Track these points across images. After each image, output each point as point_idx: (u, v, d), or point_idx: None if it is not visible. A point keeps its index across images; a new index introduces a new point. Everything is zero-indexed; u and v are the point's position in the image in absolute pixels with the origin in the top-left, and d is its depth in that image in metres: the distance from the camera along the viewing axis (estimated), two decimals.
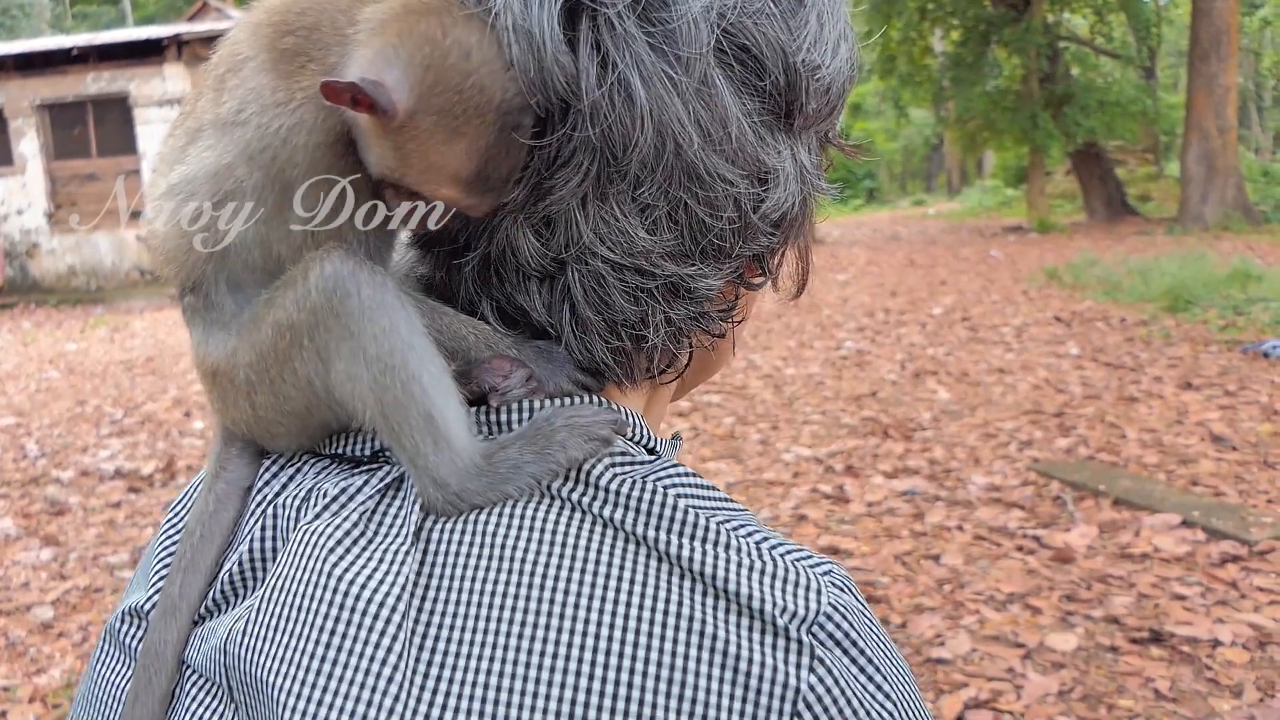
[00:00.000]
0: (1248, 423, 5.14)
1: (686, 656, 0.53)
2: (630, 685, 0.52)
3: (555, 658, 0.53)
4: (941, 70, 20.63)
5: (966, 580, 3.51)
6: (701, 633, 0.53)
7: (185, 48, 16.37)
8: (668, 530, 0.56)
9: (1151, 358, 6.81)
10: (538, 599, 0.54)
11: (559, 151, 0.58)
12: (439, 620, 0.55)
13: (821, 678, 0.54)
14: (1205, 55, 16.29)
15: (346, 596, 0.55)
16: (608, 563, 0.55)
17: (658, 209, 0.58)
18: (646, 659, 0.53)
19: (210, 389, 0.67)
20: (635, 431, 0.64)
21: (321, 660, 0.55)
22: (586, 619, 0.54)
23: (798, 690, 0.53)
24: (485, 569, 0.55)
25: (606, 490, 0.58)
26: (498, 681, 0.52)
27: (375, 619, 0.55)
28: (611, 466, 0.59)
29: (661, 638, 0.53)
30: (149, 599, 0.66)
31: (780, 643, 0.54)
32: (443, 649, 0.54)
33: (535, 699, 0.52)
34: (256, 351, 0.62)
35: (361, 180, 0.61)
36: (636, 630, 0.53)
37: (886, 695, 0.56)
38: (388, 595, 0.55)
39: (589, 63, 0.56)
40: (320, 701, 0.54)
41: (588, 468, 0.58)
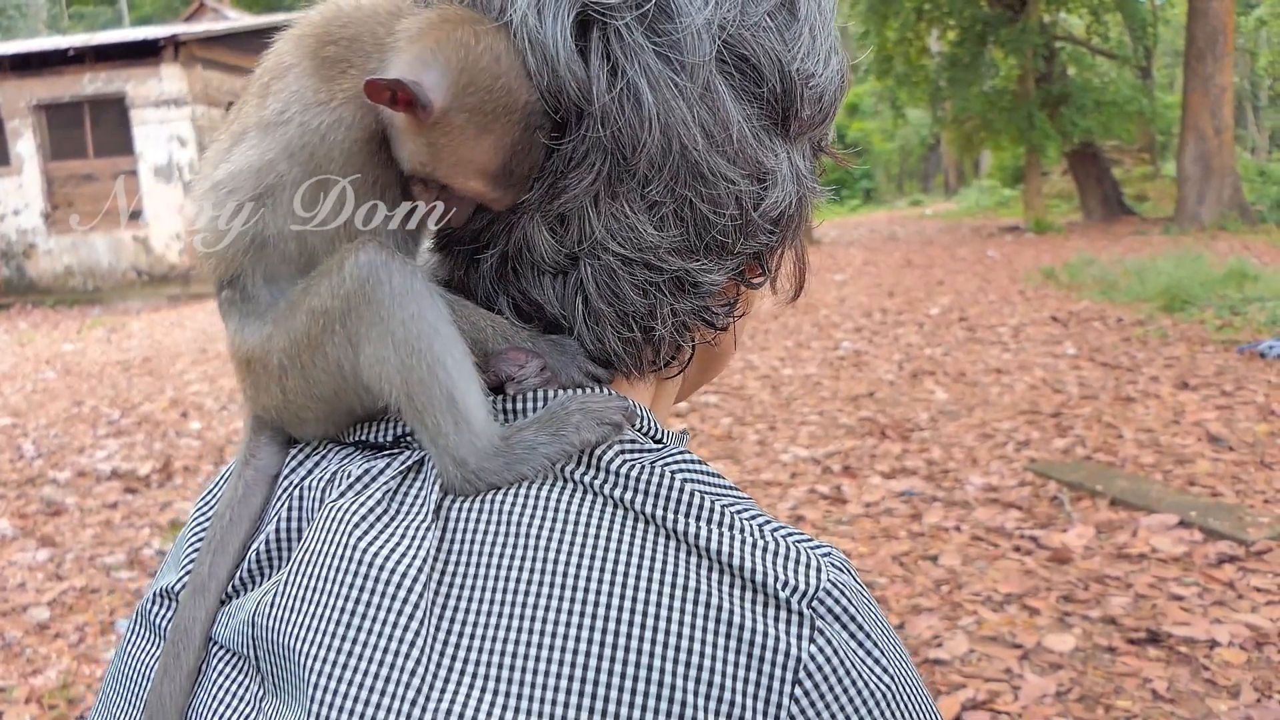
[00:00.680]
0: (1244, 423, 5.15)
1: (694, 627, 0.56)
2: (641, 653, 0.55)
3: (570, 627, 0.56)
4: (938, 70, 20.65)
5: (964, 581, 3.51)
6: (708, 604, 0.56)
7: (182, 48, 16.34)
8: (675, 511, 0.59)
9: (1148, 358, 6.82)
10: (552, 573, 0.57)
11: (573, 152, 0.62)
12: (458, 592, 0.57)
13: (821, 648, 0.57)
14: (1201, 55, 16.32)
15: (370, 568, 0.58)
16: (618, 539, 0.58)
17: (665, 206, 0.63)
18: (656, 628, 0.55)
19: (244, 377, 0.70)
20: (643, 423, 0.67)
21: (347, 628, 0.57)
22: (599, 591, 0.56)
23: (799, 659, 0.56)
24: (502, 545, 0.58)
25: (617, 474, 0.61)
26: (514, 649, 0.55)
27: (399, 589, 0.57)
28: (622, 453, 0.63)
29: (670, 608, 0.56)
30: (179, 580, 0.69)
31: (782, 615, 0.57)
32: (462, 619, 0.57)
33: (550, 664, 0.55)
34: (290, 337, 0.66)
35: (393, 176, 0.66)
36: (647, 601, 0.56)
37: (884, 669, 0.59)
38: (409, 567, 0.58)
39: (599, 70, 0.61)
40: (346, 666, 0.56)
41: (599, 453, 0.62)
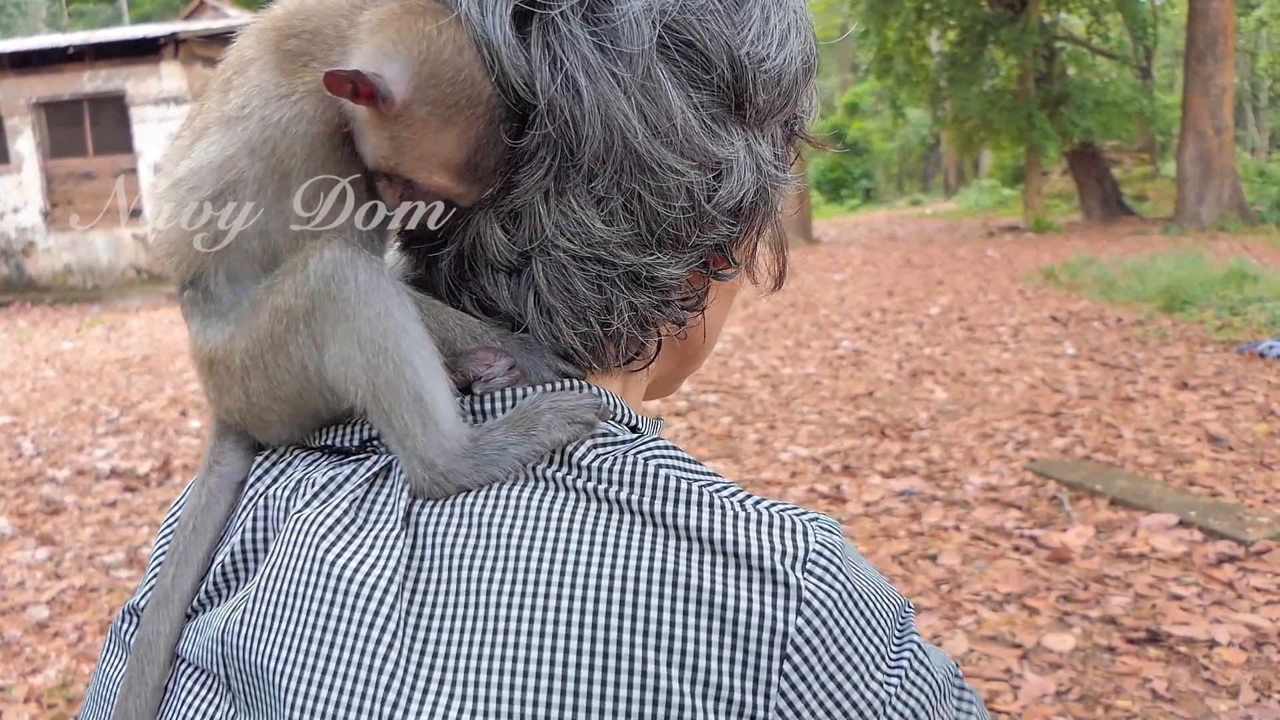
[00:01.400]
0: (1244, 423, 5.15)
1: (674, 610, 0.54)
2: (620, 643, 0.54)
3: (544, 623, 0.54)
4: (938, 70, 20.63)
5: (963, 580, 3.51)
6: (687, 585, 0.55)
7: (182, 46, 16.32)
8: (649, 495, 0.58)
9: (1148, 358, 6.82)
10: (524, 570, 0.56)
11: (524, 148, 0.61)
12: (431, 599, 0.56)
13: (809, 619, 0.56)
14: (1201, 55, 16.32)
15: (340, 581, 0.57)
16: (590, 530, 0.57)
17: (612, 200, 0.61)
18: (634, 616, 0.54)
19: (206, 378, 0.69)
20: (618, 412, 0.67)
21: (320, 644, 0.56)
22: (573, 584, 0.55)
23: (786, 634, 0.55)
24: (473, 547, 0.57)
25: (589, 468, 0.60)
26: (490, 652, 0.54)
27: (369, 601, 0.56)
28: (594, 447, 0.62)
29: (648, 594, 0.55)
30: (143, 595, 0.67)
31: (768, 587, 0.56)
32: (437, 626, 0.55)
33: (528, 664, 0.54)
34: (253, 337, 0.64)
35: (357, 171, 0.64)
36: (622, 590, 0.55)
37: (875, 630, 0.58)
38: (380, 578, 0.57)
39: (541, 62, 0.59)
40: (321, 684, 0.55)
41: (571, 449, 0.61)
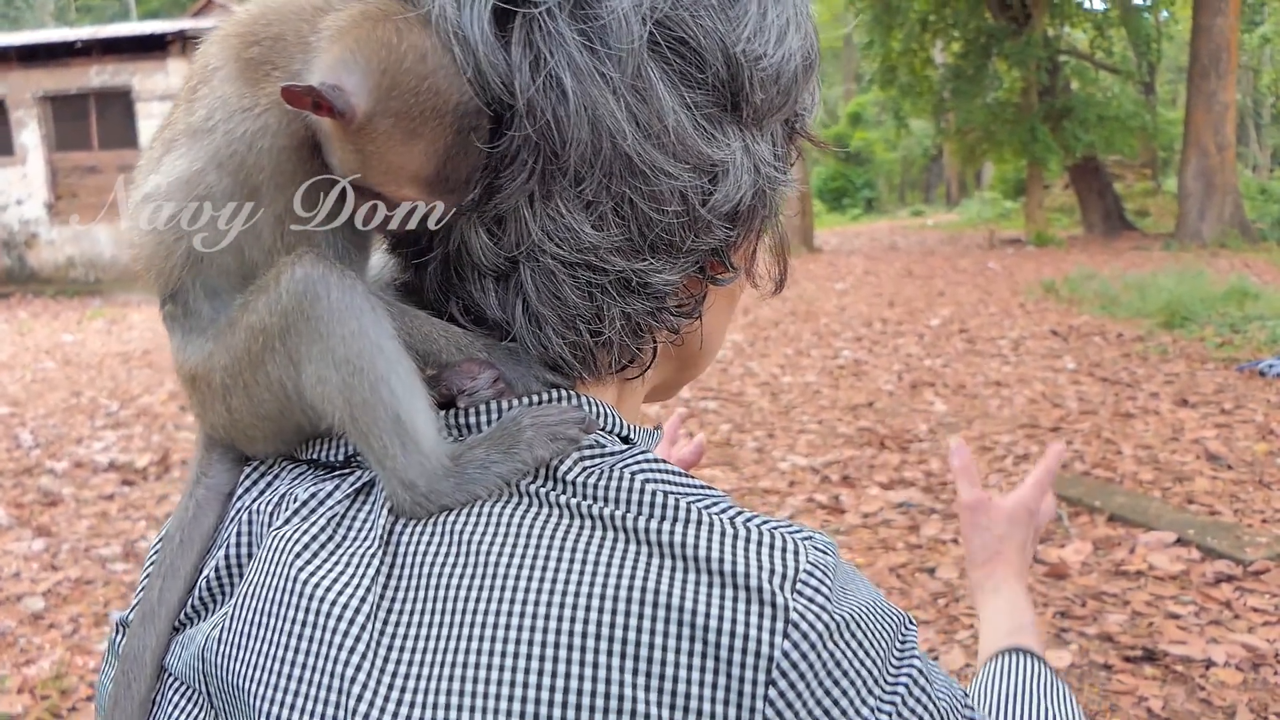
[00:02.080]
0: (1243, 441, 5.15)
1: (653, 631, 0.52)
2: (595, 665, 0.52)
3: (518, 643, 0.53)
4: (942, 81, 20.68)
5: (961, 594, 3.51)
6: (668, 604, 0.53)
7: (189, 43, 16.32)
8: (634, 511, 0.56)
9: (1148, 374, 6.82)
10: (499, 588, 0.54)
11: (505, 150, 0.59)
12: (405, 618, 0.55)
13: (797, 642, 0.53)
14: (1205, 72, 16.36)
15: (312, 600, 0.56)
16: (571, 547, 0.55)
17: (602, 204, 0.59)
18: (610, 636, 0.52)
19: (190, 394, 0.68)
20: (608, 421, 0.64)
21: (291, 665, 0.56)
22: (549, 602, 0.53)
23: (771, 658, 0.52)
24: (450, 565, 0.56)
25: (573, 483, 0.58)
26: (462, 673, 0.53)
27: (339, 620, 0.55)
28: (580, 460, 0.60)
29: (626, 614, 0.53)
30: (134, 608, 0.66)
31: (754, 607, 0.53)
32: (410, 646, 0.54)
33: (500, 686, 0.52)
34: (231, 355, 0.63)
35: (326, 184, 0.62)
36: (599, 609, 0.53)
37: (867, 653, 0.55)
38: (351, 598, 0.56)
39: (521, 61, 0.57)
40: (292, 705, 0.55)
41: (555, 464, 0.59)
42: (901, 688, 0.56)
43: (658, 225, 0.60)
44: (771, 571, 0.54)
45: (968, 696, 0.62)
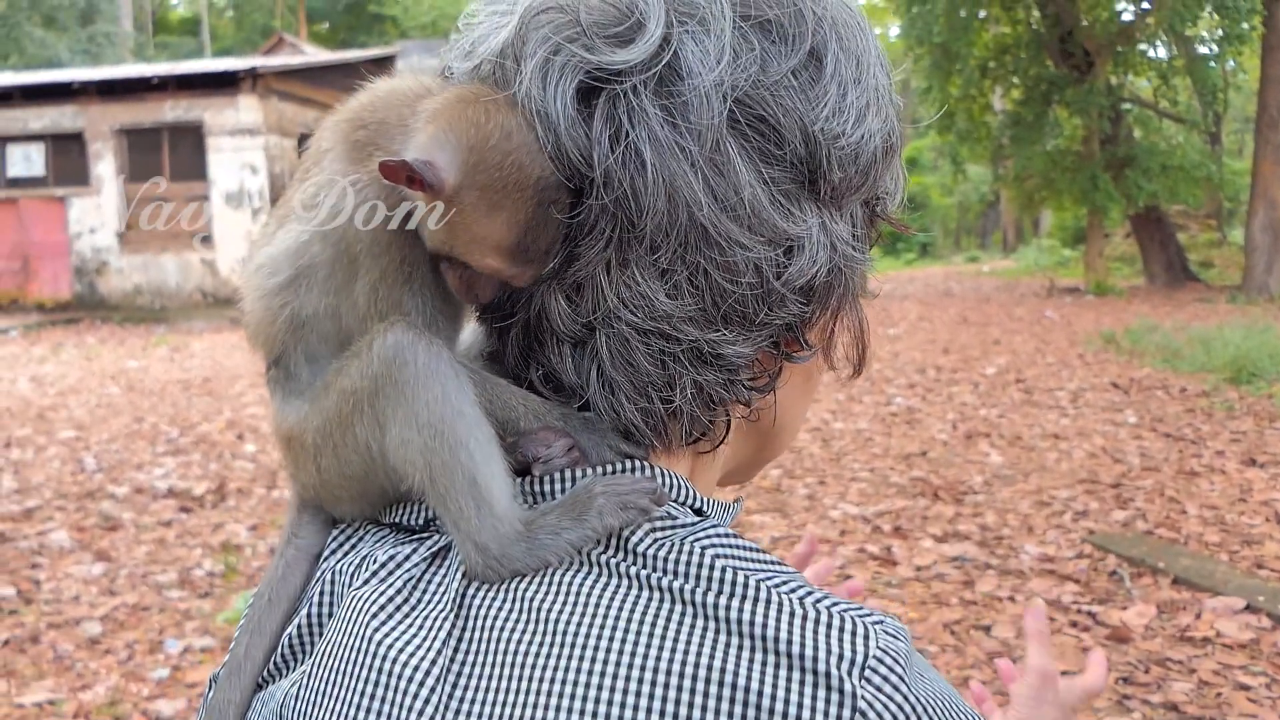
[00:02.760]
0: None
1: (718, 711, 0.52)
2: None
3: (583, 714, 0.53)
4: (1000, 128, 20.53)
5: (1018, 655, 3.41)
6: (734, 684, 0.52)
7: (260, 80, 16.90)
8: (705, 589, 0.56)
9: (1213, 430, 6.63)
10: (568, 657, 0.55)
11: (584, 220, 0.61)
12: (475, 682, 0.56)
13: None
14: (1274, 122, 16.04)
15: (385, 661, 0.57)
16: (640, 620, 0.56)
17: (677, 274, 0.60)
18: (676, 714, 0.52)
19: (285, 454, 0.71)
20: (680, 493, 0.64)
21: None
22: (615, 674, 0.54)
23: None
24: (520, 633, 0.57)
25: (644, 555, 0.59)
26: None
27: (411, 682, 0.56)
28: (651, 532, 0.60)
29: (692, 691, 0.52)
30: (223, 664, 0.69)
31: (821, 692, 0.53)
32: (478, 710, 0.55)
33: None
34: (323, 416, 0.66)
35: (420, 255, 0.65)
36: (665, 684, 0.53)
37: None
38: (424, 659, 0.57)
39: (601, 134, 0.59)
40: None
41: (627, 534, 0.60)
42: None
43: (731, 296, 0.61)
44: (840, 656, 0.54)
45: None
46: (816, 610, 0.56)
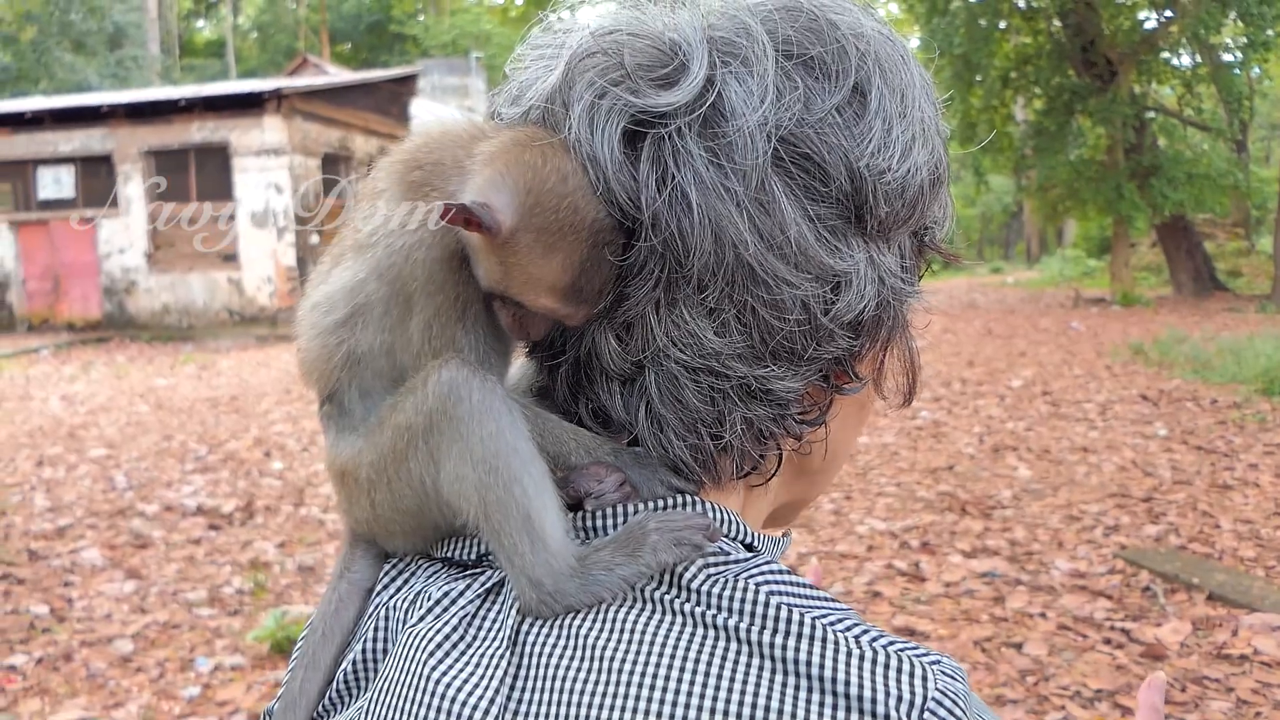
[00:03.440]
0: None
1: None
2: None
3: None
4: (1023, 138, 20.44)
5: (1051, 673, 3.37)
6: None
7: (284, 101, 17.11)
8: (760, 627, 0.56)
9: (1246, 443, 6.54)
10: (623, 696, 0.55)
11: (633, 261, 0.62)
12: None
13: None
14: None
15: (443, 700, 0.57)
16: (695, 659, 0.55)
17: (724, 312, 0.61)
18: None
19: (338, 489, 0.72)
20: (733, 529, 0.65)
21: None
22: (671, 715, 0.54)
23: None
24: (576, 670, 0.57)
25: (698, 592, 0.59)
26: None
27: None
28: (705, 568, 0.60)
29: None
30: (278, 697, 0.69)
31: None
32: None
33: None
34: (378, 451, 0.67)
35: (474, 293, 0.66)
36: None
37: None
38: (481, 699, 0.57)
39: (648, 177, 0.60)
40: None
41: (680, 570, 0.60)
42: None
43: (779, 333, 0.61)
44: (900, 698, 0.54)
45: None
46: (874, 650, 0.55)
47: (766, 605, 0.57)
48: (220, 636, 3.99)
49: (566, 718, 0.55)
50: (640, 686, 0.55)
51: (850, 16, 0.63)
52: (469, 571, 0.66)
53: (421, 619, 0.62)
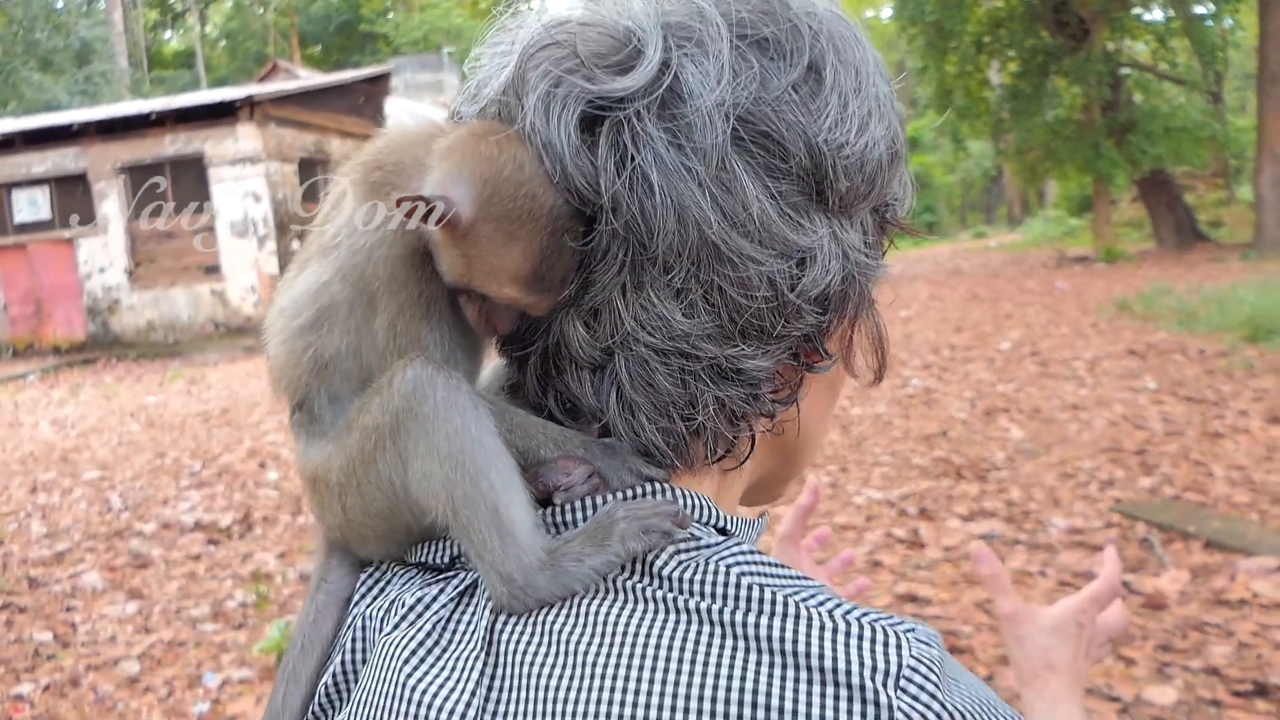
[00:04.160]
0: None
1: None
2: None
3: None
4: (999, 102, 20.44)
5: None
6: (767, 705, 0.53)
7: (257, 108, 16.99)
8: (732, 608, 0.56)
9: (1234, 390, 6.58)
10: (598, 689, 0.55)
11: (596, 246, 0.62)
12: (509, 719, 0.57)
13: None
14: (1275, 77, 15.91)
15: (420, 706, 0.58)
16: (668, 645, 0.56)
17: (692, 292, 0.61)
18: None
19: (310, 496, 0.72)
20: (704, 514, 0.65)
21: None
22: (647, 704, 0.54)
23: None
24: (551, 667, 0.57)
25: (669, 578, 0.59)
26: None
27: None
28: (676, 554, 0.60)
29: (725, 715, 0.53)
30: (264, 715, 0.70)
31: (856, 705, 0.53)
32: None
33: None
34: (347, 454, 0.67)
35: (438, 289, 0.66)
36: (698, 710, 0.53)
37: None
38: (458, 703, 0.57)
39: (607, 160, 0.60)
40: None
41: (651, 558, 0.60)
42: None
43: (747, 311, 0.62)
44: (874, 668, 0.54)
45: None
46: (846, 622, 0.56)
47: (737, 586, 0.57)
48: (226, 651, 3.99)
49: (543, 714, 0.56)
50: (614, 679, 0.55)
51: None
52: (442, 575, 0.66)
53: (396, 627, 0.62)
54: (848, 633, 0.55)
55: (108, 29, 35.23)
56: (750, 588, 0.57)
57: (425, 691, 0.58)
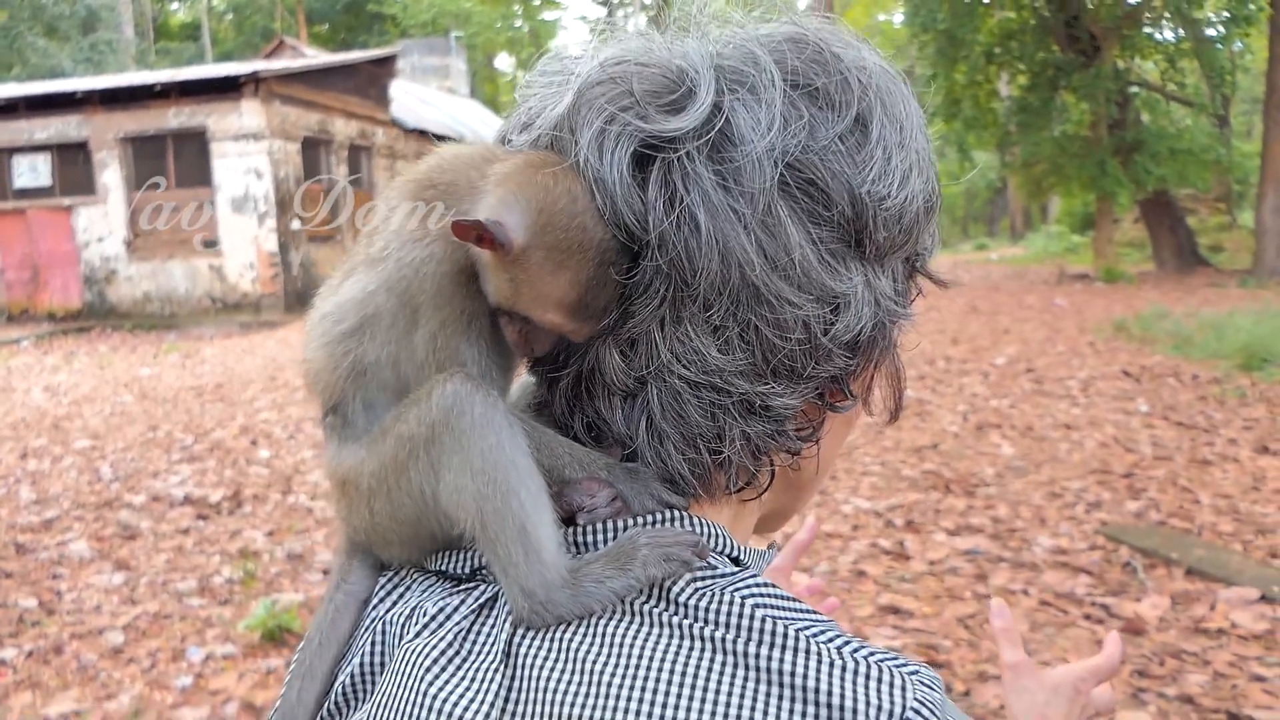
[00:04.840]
0: None
1: None
2: None
3: None
4: (1007, 114, 20.45)
5: (1032, 648, 3.42)
6: None
7: (262, 85, 16.93)
8: (745, 639, 0.58)
9: (1226, 418, 6.61)
10: (611, 709, 0.57)
11: (640, 279, 0.64)
12: None
13: None
14: None
15: (440, 715, 0.60)
16: (680, 671, 0.57)
17: (729, 330, 0.63)
18: None
19: (338, 497, 0.73)
20: (719, 544, 0.67)
21: None
22: None
23: None
24: (568, 684, 0.59)
25: (686, 605, 0.61)
26: None
27: None
28: (693, 582, 0.62)
29: None
30: (275, 708, 0.71)
31: None
32: None
33: None
34: (380, 461, 0.68)
35: (481, 307, 0.68)
36: None
37: None
38: (476, 713, 0.59)
39: (656, 199, 0.62)
40: None
41: (668, 584, 0.62)
42: None
43: (781, 351, 0.64)
44: (879, 707, 0.55)
45: None
46: (855, 660, 0.58)
47: (751, 617, 0.59)
48: (211, 626, 4.00)
49: None
50: (628, 699, 0.57)
51: (853, 50, 0.66)
52: (463, 586, 0.68)
53: (418, 635, 0.64)
54: (855, 671, 0.57)
55: None
56: (764, 620, 0.59)
57: (446, 700, 0.60)
